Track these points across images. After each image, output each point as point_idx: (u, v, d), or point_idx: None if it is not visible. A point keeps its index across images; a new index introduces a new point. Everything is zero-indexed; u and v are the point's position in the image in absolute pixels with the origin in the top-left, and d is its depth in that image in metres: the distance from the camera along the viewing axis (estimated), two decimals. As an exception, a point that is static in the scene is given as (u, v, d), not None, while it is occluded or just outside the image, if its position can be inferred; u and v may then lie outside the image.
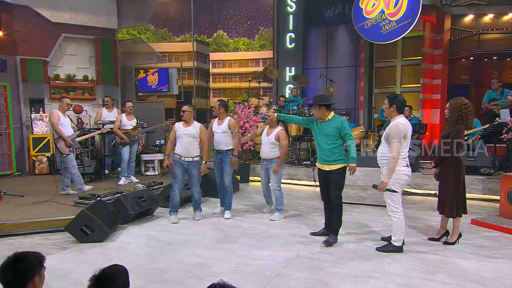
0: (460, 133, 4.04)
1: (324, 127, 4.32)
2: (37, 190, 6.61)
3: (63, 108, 6.40)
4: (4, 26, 8.64)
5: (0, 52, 8.64)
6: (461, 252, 4.02)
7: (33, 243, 4.33)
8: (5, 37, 8.67)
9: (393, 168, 3.83)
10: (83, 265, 3.69)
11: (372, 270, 3.57)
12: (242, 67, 12.67)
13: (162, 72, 9.94)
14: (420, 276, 3.44)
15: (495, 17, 9.01)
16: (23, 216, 4.97)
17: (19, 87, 8.98)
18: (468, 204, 4.40)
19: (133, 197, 5.27)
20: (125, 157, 7.17)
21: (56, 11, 9.16)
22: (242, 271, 3.55)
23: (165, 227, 4.99)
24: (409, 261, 3.79)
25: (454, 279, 3.38)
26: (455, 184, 4.11)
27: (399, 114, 3.91)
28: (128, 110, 7.30)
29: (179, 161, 5.27)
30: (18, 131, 8.90)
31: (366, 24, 8.19)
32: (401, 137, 3.78)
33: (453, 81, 9.30)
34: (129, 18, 10.21)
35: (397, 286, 3.26)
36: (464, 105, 4.02)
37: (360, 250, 4.11)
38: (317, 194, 6.92)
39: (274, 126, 5.39)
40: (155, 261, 3.83)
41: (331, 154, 4.24)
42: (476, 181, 6.44)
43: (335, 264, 3.72)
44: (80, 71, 9.80)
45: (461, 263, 3.74)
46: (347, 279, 3.39)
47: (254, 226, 4.98)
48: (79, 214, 4.43)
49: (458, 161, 4.13)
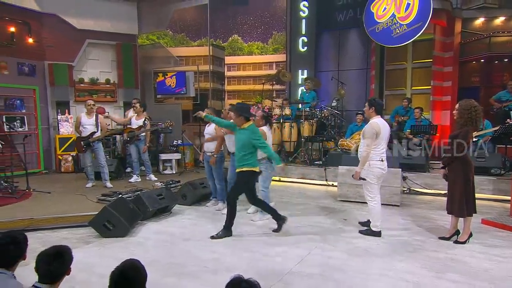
0: (468, 135, 3.97)
1: (240, 135, 4.47)
2: (63, 187, 6.78)
3: (88, 110, 6.61)
4: (33, 34, 8.84)
5: (30, 57, 8.85)
6: (472, 252, 3.93)
7: (60, 237, 4.42)
8: (34, 44, 8.87)
9: (364, 160, 4.26)
10: (106, 259, 3.75)
11: (383, 268, 3.52)
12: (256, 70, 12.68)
13: (180, 75, 10.02)
14: (431, 274, 3.38)
15: (506, 19, 8.80)
16: (50, 211, 5.07)
17: (46, 91, 9.18)
18: (478, 204, 4.31)
19: (152, 194, 5.32)
20: (133, 155, 7.31)
21: (81, 18, 9.31)
22: (256, 267, 3.55)
23: (182, 224, 5.03)
24: (419, 259, 3.72)
25: (464, 278, 3.31)
26: (464, 184, 4.02)
27: (377, 115, 4.34)
28: (136, 110, 7.29)
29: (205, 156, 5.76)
30: (45, 131, 9.10)
31: (377, 27, 8.10)
32: (373, 134, 4.21)
33: (463, 83, 9.10)
34: (149, 24, 10.31)
35: (408, 283, 3.21)
36: (474, 107, 3.95)
37: (370, 248, 4.05)
38: (329, 193, 6.90)
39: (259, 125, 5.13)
40: (172, 256, 3.87)
41: (240, 160, 4.42)
42: (486, 182, 6.29)
43: (346, 261, 3.69)
44: (103, 74, 9.95)
45: (471, 262, 3.66)
46: (358, 276, 3.36)
47: (267, 224, 4.98)
48: (102, 211, 4.50)
49: (467, 161, 4.05)
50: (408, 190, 6.75)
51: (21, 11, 8.54)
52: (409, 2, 7.57)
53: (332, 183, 7.35)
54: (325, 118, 8.78)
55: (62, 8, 9.08)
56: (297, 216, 5.37)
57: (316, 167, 7.87)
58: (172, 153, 8.69)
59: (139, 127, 7.10)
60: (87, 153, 6.67)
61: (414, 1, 7.51)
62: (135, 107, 7.26)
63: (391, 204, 5.80)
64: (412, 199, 6.34)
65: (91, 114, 6.66)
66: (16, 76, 8.58)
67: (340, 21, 10.51)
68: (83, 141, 6.58)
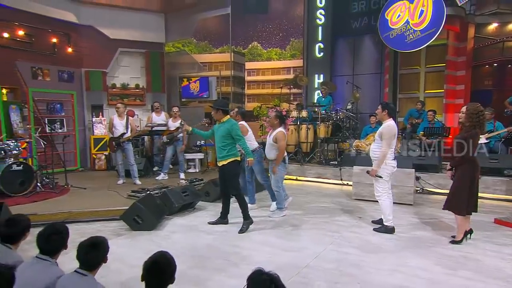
0: (477, 137, 3.87)
1: (219, 129, 4.53)
2: (97, 184, 6.95)
3: (119, 112, 6.81)
4: (72, 44, 9.16)
5: (69, 65, 9.16)
6: (484, 250, 3.81)
7: (94, 229, 4.53)
8: (73, 53, 9.17)
9: (382, 159, 4.25)
10: (136, 250, 3.84)
11: (397, 264, 3.46)
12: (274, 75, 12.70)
13: (203, 80, 10.15)
14: (444, 271, 3.30)
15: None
16: (86, 205, 5.23)
17: (83, 95, 9.47)
18: (491, 204, 4.18)
19: (177, 191, 5.38)
20: (168, 155, 7.41)
21: (114, 29, 9.55)
22: (275, 261, 3.55)
23: (206, 219, 5.05)
24: (432, 256, 3.64)
25: (477, 275, 3.21)
26: (470, 184, 3.89)
27: (390, 118, 4.33)
28: (173, 114, 7.49)
29: None
30: (82, 132, 9.36)
31: (392, 34, 7.96)
32: (391, 136, 4.21)
33: (476, 86, 8.83)
34: (175, 33, 10.46)
35: (421, 280, 3.14)
36: (481, 111, 3.85)
37: (385, 245, 3.99)
38: (343, 192, 6.83)
39: (276, 127, 5.14)
40: (196, 249, 3.91)
41: (221, 151, 4.48)
42: (499, 182, 6.06)
43: (360, 257, 3.64)
44: (133, 80, 10.17)
45: (484, 260, 3.55)
46: (372, 271, 3.31)
47: (286, 220, 4.97)
48: (132, 206, 4.60)
49: (474, 162, 3.92)
50: (421, 190, 6.59)
51: (62, 24, 8.86)
52: (423, 9, 7.41)
53: (346, 182, 7.27)
54: (340, 120, 8.69)
55: (98, 20, 9.36)
56: (313, 213, 5.34)
57: (332, 167, 7.79)
58: (196, 153, 8.79)
59: (176, 129, 7.23)
60: (118, 152, 6.84)
61: (428, 8, 7.35)
62: (174, 111, 7.46)
63: (404, 203, 5.68)
64: (425, 199, 6.19)
65: (122, 116, 6.83)
66: (57, 82, 8.89)
67: (355, 28, 10.39)
68: (114, 141, 6.76)
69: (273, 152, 5.09)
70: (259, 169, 5.36)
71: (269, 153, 5.16)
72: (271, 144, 5.11)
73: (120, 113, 6.81)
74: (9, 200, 5.05)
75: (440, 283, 3.09)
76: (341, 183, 7.45)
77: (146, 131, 7.88)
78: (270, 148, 5.13)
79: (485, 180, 6.08)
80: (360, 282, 3.11)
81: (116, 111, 6.85)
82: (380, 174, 4.31)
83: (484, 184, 6.07)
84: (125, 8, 9.60)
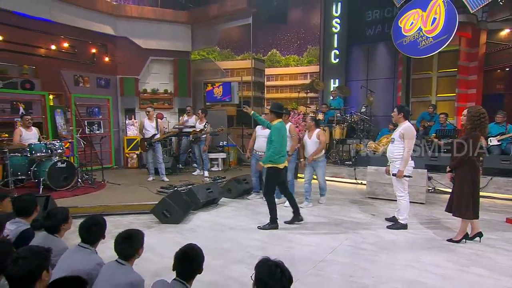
0: (478, 139, 3.69)
1: (271, 130, 4.38)
2: (129, 180, 7.11)
3: (150, 116, 6.94)
4: (109, 54, 9.44)
5: (105, 73, 9.45)
6: (496, 248, 3.66)
7: (128, 222, 4.65)
8: (109, 62, 9.45)
9: (407, 159, 4.16)
10: (165, 242, 3.92)
11: (410, 260, 3.38)
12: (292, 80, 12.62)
13: (226, 85, 10.21)
14: (456, 268, 3.19)
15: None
16: (120, 200, 5.37)
17: (118, 100, 9.72)
18: (502, 204, 3.99)
19: (202, 188, 5.45)
20: (196, 154, 7.55)
21: (145, 39, 9.76)
22: (293, 255, 3.55)
23: (228, 214, 5.11)
24: (444, 253, 3.53)
25: (489, 272, 3.09)
26: (473, 188, 3.71)
27: (406, 120, 4.28)
28: (199, 116, 7.56)
29: (255, 155, 5.67)
30: (116, 134, 9.60)
31: (405, 40, 7.79)
32: (413, 136, 4.18)
33: (487, 90, 8.48)
34: (200, 42, 10.58)
35: (433, 275, 3.05)
36: (483, 114, 3.69)
37: (397, 242, 3.90)
38: (358, 191, 6.71)
39: (313, 129, 5.38)
40: (220, 242, 3.95)
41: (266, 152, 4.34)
42: (511, 183, 5.79)
43: (375, 253, 3.58)
44: (162, 85, 10.34)
45: (496, 258, 3.41)
46: (386, 266, 3.25)
47: (304, 216, 4.93)
48: (161, 201, 4.70)
49: (475, 165, 3.72)
50: (433, 189, 6.40)
51: (100, 36, 9.16)
52: (435, 17, 7.23)
53: (361, 181, 7.15)
54: (355, 122, 8.56)
55: (131, 32, 9.60)
56: (329, 210, 5.29)
57: (346, 166, 7.68)
58: (219, 153, 8.86)
59: (200, 130, 7.35)
60: (149, 152, 6.98)
61: (440, 16, 7.16)
62: (199, 114, 7.56)
63: (417, 202, 5.53)
64: (437, 198, 6.00)
65: (152, 119, 6.96)
66: (95, 88, 9.18)
67: (369, 36, 10.20)
68: (146, 142, 6.91)
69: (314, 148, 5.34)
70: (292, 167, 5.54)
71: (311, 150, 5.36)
72: (314, 142, 5.30)
73: (150, 116, 6.95)
74: (54, 194, 5.24)
75: (452, 279, 2.99)
76: (356, 182, 7.34)
77: (175, 132, 8.03)
78: (314, 147, 5.31)
79: (497, 181, 5.86)
80: (374, 276, 3.05)
81: (147, 114, 7.00)
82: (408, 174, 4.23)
83: (495, 185, 5.86)
84: (156, 20, 9.80)
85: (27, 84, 7.61)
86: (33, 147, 5.85)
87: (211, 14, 9.89)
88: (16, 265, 1.58)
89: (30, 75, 7.81)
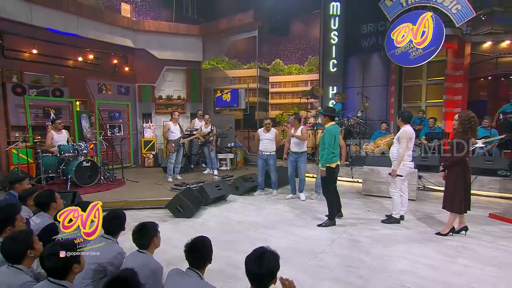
0: (470, 141, 3.67)
1: (323, 133, 4.36)
2: (146, 178, 7.15)
3: (175, 119, 6.84)
4: (129, 64, 9.53)
5: (125, 81, 9.54)
6: (480, 241, 3.63)
7: (145, 216, 4.67)
8: (129, 71, 9.54)
9: (401, 160, 4.12)
10: (178, 233, 3.95)
11: (402, 252, 3.36)
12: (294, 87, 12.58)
13: (233, 92, 10.21)
14: (444, 259, 3.18)
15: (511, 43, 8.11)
16: (138, 195, 5.42)
17: (136, 105, 9.79)
18: (486, 201, 3.96)
19: (212, 185, 5.47)
20: (206, 154, 7.51)
21: (161, 51, 9.82)
22: (295, 247, 3.54)
23: (236, 210, 5.12)
24: (434, 246, 3.51)
25: (474, 263, 3.07)
26: (464, 185, 3.68)
27: (405, 124, 4.22)
28: (205, 120, 7.53)
29: (261, 155, 5.68)
30: (135, 136, 9.67)
31: (397, 51, 7.80)
32: (408, 139, 4.11)
33: (472, 97, 8.50)
34: (210, 52, 10.63)
35: (424, 266, 3.04)
36: (473, 117, 3.65)
37: (391, 235, 3.88)
38: (354, 188, 6.67)
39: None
40: (228, 234, 3.96)
41: (320, 155, 4.30)
42: (494, 182, 5.74)
43: (370, 245, 3.56)
44: (176, 92, 10.39)
45: (480, 250, 3.38)
46: (381, 257, 3.23)
47: (306, 212, 4.93)
48: (175, 197, 4.73)
49: (467, 165, 3.71)
50: (422, 187, 6.34)
51: (121, 48, 9.25)
52: (424, 30, 7.29)
53: (357, 180, 7.10)
54: (352, 126, 8.52)
55: (149, 44, 9.67)
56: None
57: (344, 166, 7.62)
58: (227, 153, 8.88)
59: (208, 133, 7.34)
60: (176, 153, 6.74)
61: (428, 29, 7.22)
62: (206, 118, 7.52)
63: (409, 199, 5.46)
64: (426, 195, 5.95)
65: (175, 123, 6.89)
66: (116, 95, 9.27)
67: (364, 47, 10.20)
68: (174, 143, 6.68)
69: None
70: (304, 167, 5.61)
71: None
72: None
73: (175, 120, 6.85)
74: (80, 190, 5.33)
75: (441, 269, 2.97)
76: (352, 181, 7.29)
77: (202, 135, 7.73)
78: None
79: (481, 179, 5.80)
80: (369, 266, 3.05)
81: (173, 118, 6.81)
82: (400, 173, 4.20)
83: (480, 183, 5.80)
84: (171, 33, 9.87)
85: (57, 92, 7.76)
86: (62, 148, 5.94)
87: (220, 27, 9.95)
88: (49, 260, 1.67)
89: (60, 83, 7.93)
